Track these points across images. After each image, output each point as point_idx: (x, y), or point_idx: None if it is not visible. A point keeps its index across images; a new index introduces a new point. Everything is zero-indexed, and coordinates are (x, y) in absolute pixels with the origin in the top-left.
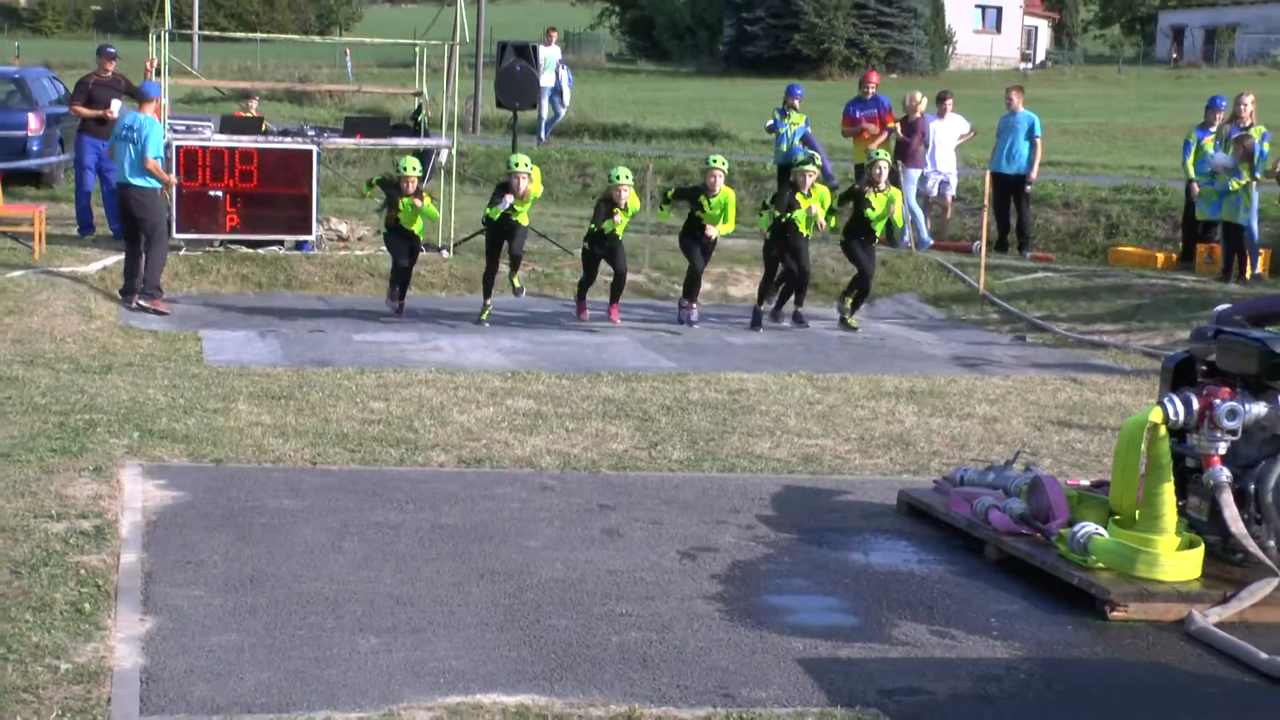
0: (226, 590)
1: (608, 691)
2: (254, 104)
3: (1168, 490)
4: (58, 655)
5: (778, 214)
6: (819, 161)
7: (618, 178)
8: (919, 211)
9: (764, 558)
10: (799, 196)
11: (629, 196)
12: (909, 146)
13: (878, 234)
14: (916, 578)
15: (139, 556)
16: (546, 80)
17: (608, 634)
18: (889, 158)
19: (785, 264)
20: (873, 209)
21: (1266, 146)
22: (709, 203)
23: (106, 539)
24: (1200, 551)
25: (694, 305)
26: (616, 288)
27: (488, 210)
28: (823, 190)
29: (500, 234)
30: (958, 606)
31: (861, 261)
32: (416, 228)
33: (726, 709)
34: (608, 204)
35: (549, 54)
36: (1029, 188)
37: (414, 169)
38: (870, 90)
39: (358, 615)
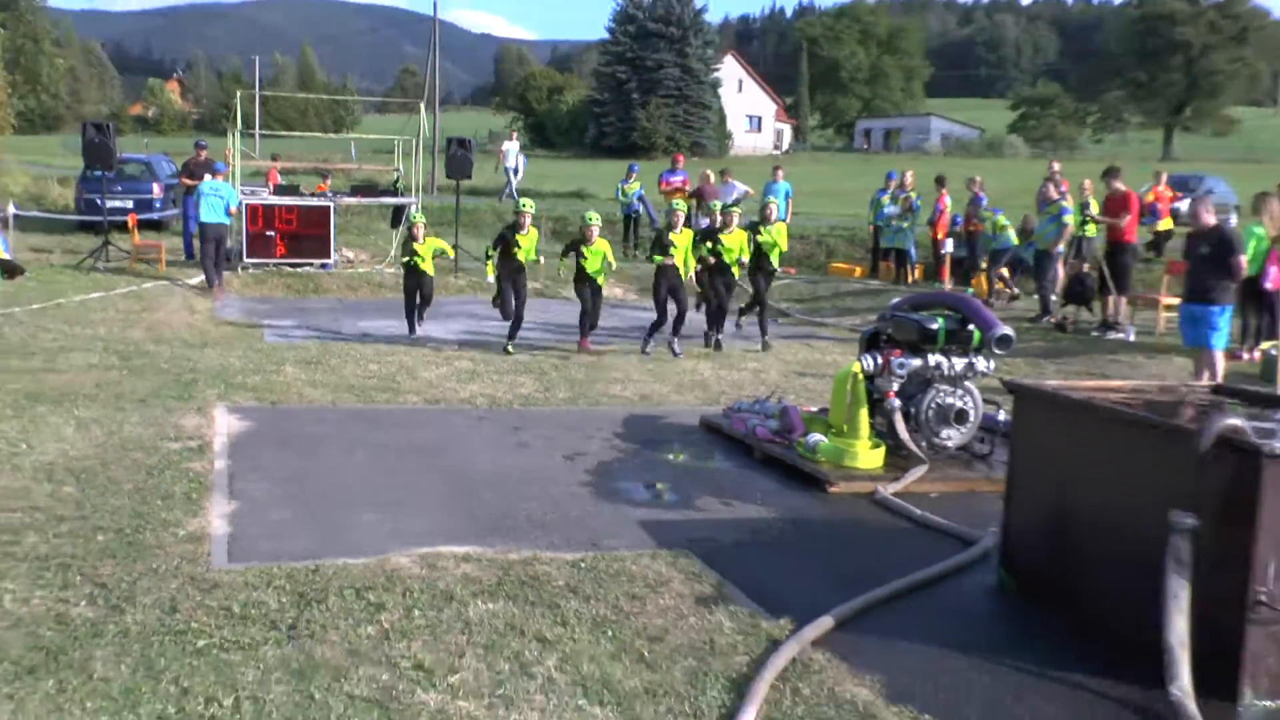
0: (280, 484)
1: (520, 543)
2: (327, 182)
3: (863, 414)
4: (177, 526)
5: (659, 256)
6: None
7: (589, 220)
8: None
9: (616, 458)
10: (671, 235)
11: (597, 236)
12: (703, 200)
13: (732, 266)
14: (711, 469)
15: (225, 464)
16: (510, 161)
17: (519, 508)
18: (685, 207)
19: (664, 299)
20: (728, 248)
21: (920, 202)
22: (589, 250)
23: (205, 453)
24: (883, 451)
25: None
26: (584, 321)
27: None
28: (688, 234)
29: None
30: (736, 487)
31: (719, 291)
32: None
33: (595, 552)
34: (580, 243)
35: (510, 145)
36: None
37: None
38: (678, 165)
39: (362, 499)
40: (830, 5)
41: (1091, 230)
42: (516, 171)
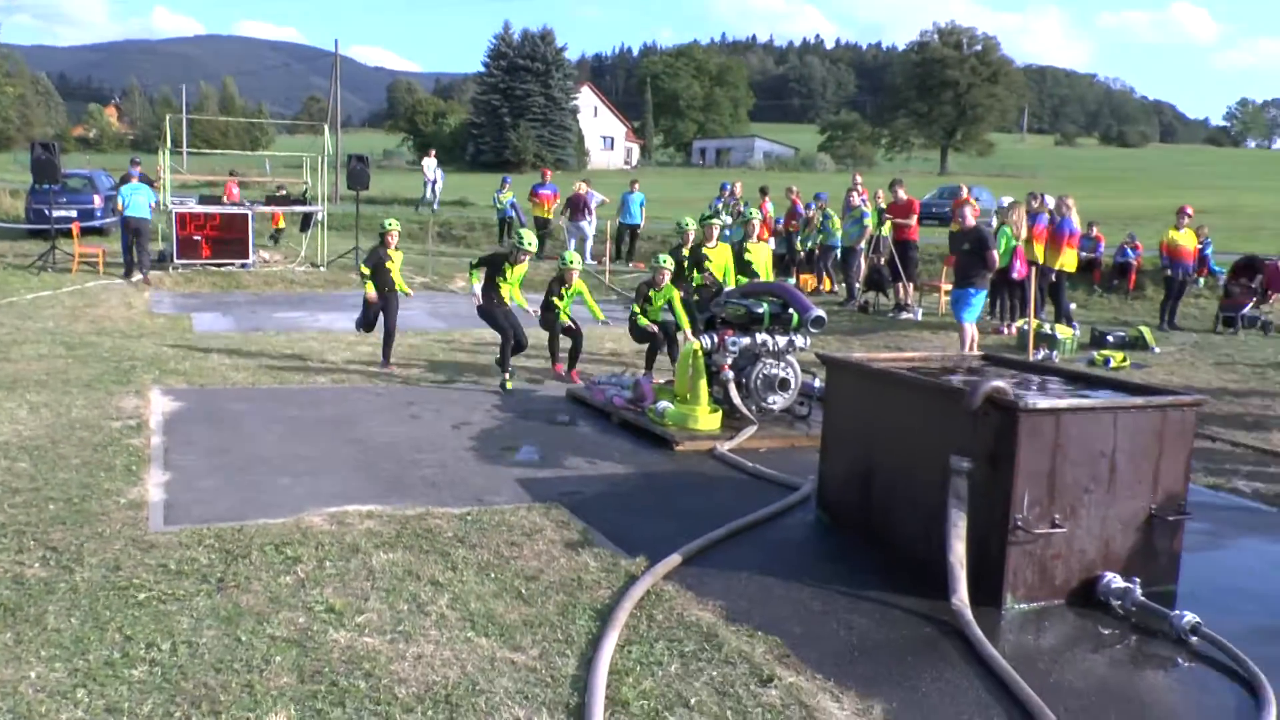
0: (208, 456)
1: (415, 501)
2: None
3: (703, 384)
4: (119, 494)
5: (644, 319)
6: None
7: (569, 262)
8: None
9: (497, 427)
10: (651, 292)
11: (576, 278)
12: (578, 209)
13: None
14: (576, 433)
15: (161, 439)
16: (429, 174)
17: (414, 471)
18: (670, 264)
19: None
20: (715, 264)
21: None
22: (511, 269)
23: (142, 430)
24: (720, 415)
25: (507, 374)
26: (574, 354)
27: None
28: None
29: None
30: (597, 447)
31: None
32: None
33: (479, 507)
34: (558, 283)
35: (429, 161)
36: (639, 231)
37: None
38: (546, 179)
39: (280, 467)
40: (670, 46)
41: (886, 229)
42: (436, 183)
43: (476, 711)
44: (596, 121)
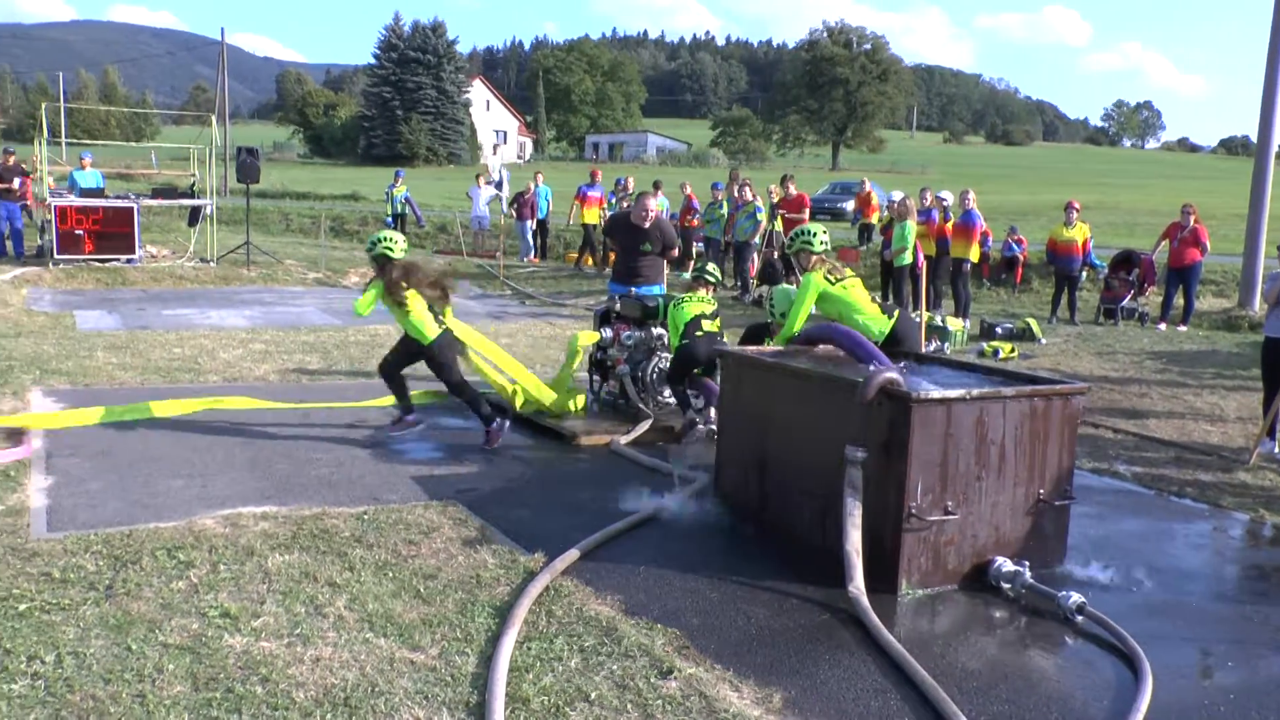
0: (94, 459)
1: (310, 502)
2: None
3: (568, 368)
4: None
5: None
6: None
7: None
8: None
9: (391, 423)
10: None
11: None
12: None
13: None
14: (475, 432)
15: (43, 442)
16: (495, 174)
17: (309, 470)
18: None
19: None
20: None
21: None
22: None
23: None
24: (573, 396)
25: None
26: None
27: None
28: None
29: None
30: (498, 444)
31: None
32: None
33: (375, 505)
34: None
35: (493, 160)
36: (547, 224)
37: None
38: (596, 180)
39: (170, 469)
40: (562, 40)
41: (779, 225)
42: (503, 185)
43: (376, 713)
44: (489, 115)
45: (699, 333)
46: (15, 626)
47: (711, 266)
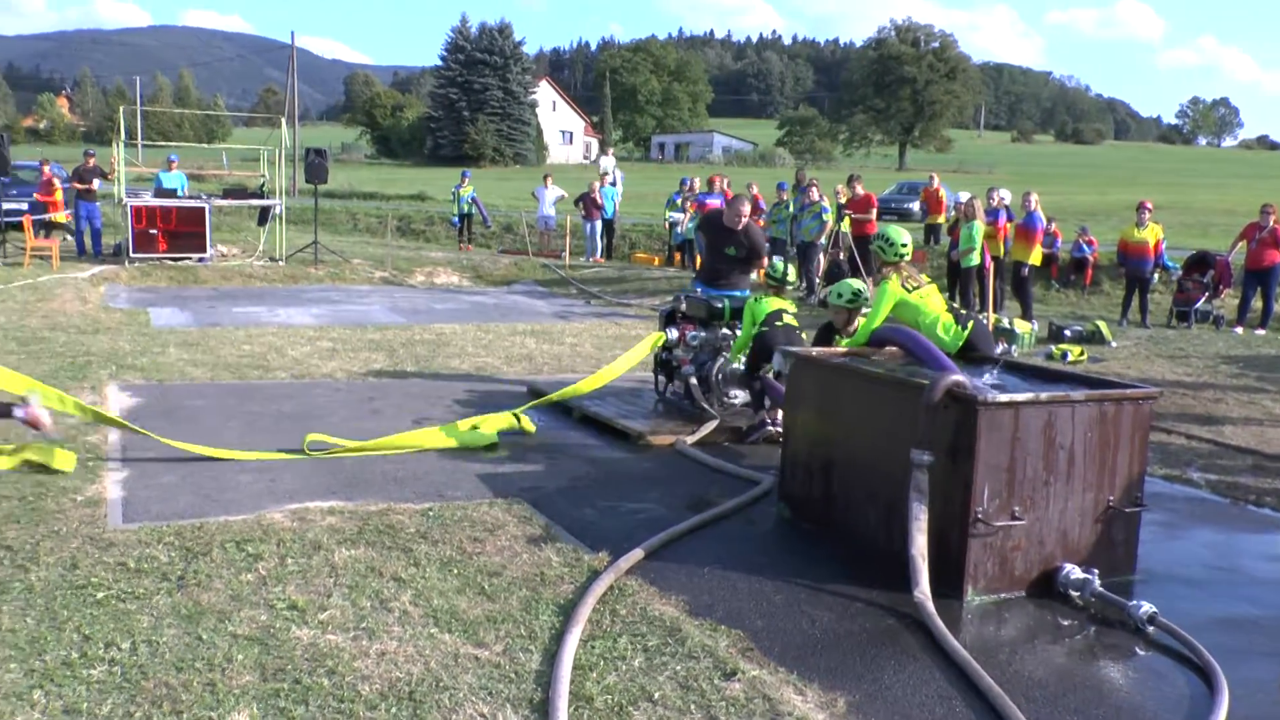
0: (167, 452)
1: (376, 497)
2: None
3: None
4: (75, 492)
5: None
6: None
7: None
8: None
9: (456, 420)
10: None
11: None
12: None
13: None
14: (539, 428)
15: (118, 436)
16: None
17: (375, 466)
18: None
19: None
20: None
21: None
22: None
23: (100, 426)
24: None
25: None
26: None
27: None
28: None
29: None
30: (559, 442)
31: None
32: None
33: (440, 502)
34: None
35: (607, 160)
36: (614, 224)
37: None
38: (715, 188)
39: (239, 463)
40: (628, 40)
41: (845, 225)
42: (616, 185)
43: (440, 708)
44: (555, 116)
45: (779, 323)
46: (94, 614)
47: (779, 261)
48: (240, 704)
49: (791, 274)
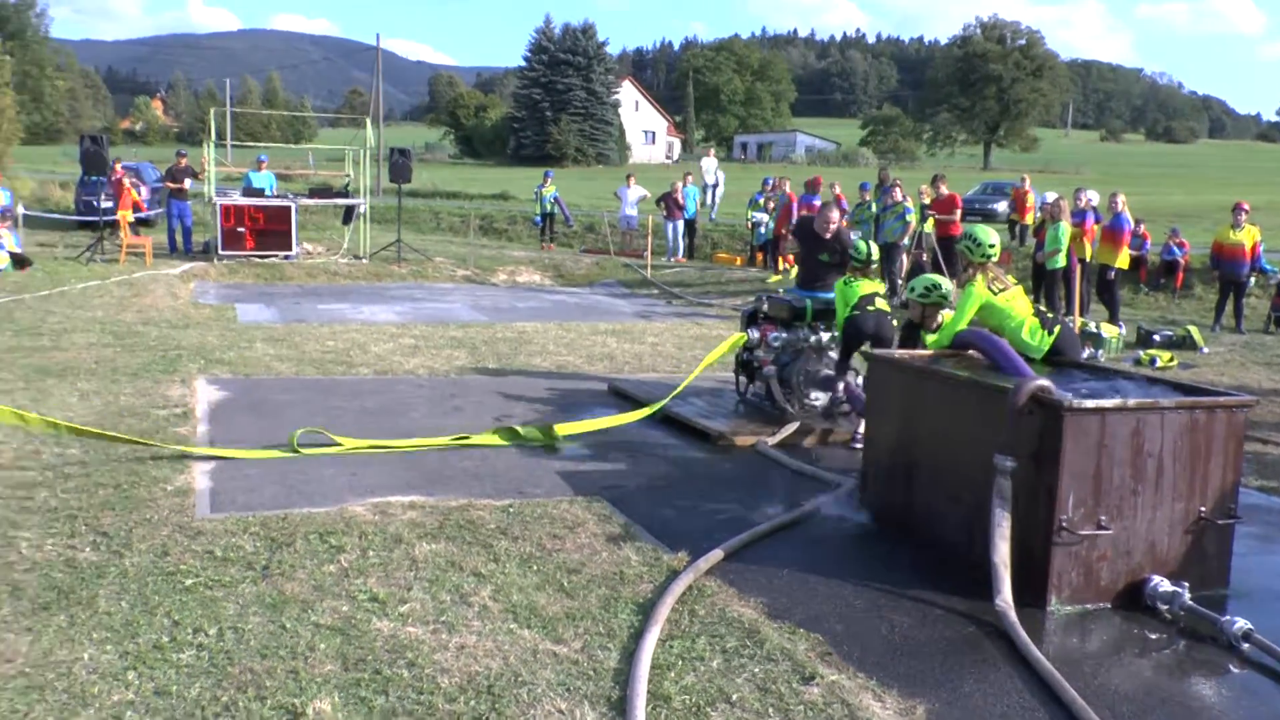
0: (253, 445)
1: (457, 492)
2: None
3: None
4: (166, 482)
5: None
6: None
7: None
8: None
9: (538, 419)
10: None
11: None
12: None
13: None
14: (619, 428)
15: (207, 427)
16: (709, 178)
17: (456, 462)
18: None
19: None
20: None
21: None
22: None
23: (189, 418)
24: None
25: None
26: None
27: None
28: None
29: None
30: (638, 441)
31: None
32: None
33: (520, 499)
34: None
35: (709, 161)
36: (695, 224)
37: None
38: (819, 188)
39: (323, 457)
40: (711, 40)
41: (929, 226)
42: (717, 188)
43: (519, 702)
44: (638, 116)
45: (870, 307)
46: (182, 600)
47: (860, 241)
48: (322, 692)
49: (875, 252)
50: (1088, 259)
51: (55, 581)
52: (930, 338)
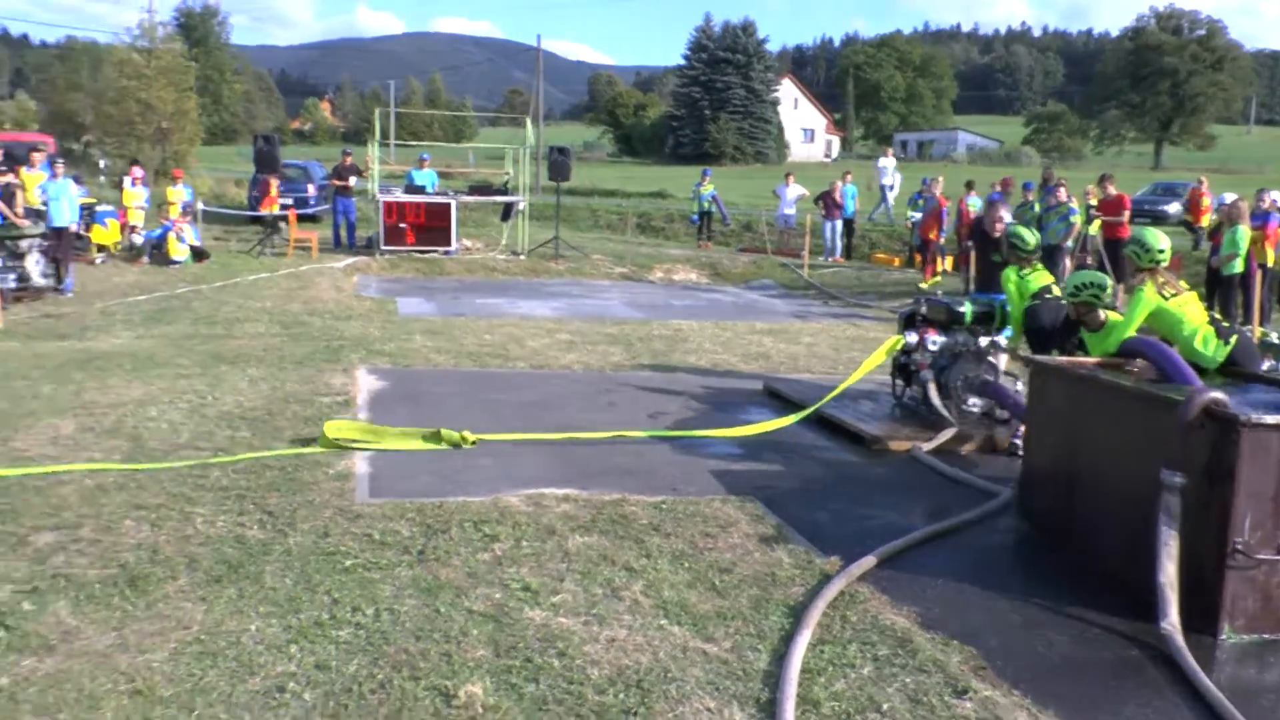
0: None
1: (610, 488)
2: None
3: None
4: (328, 466)
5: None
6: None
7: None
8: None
9: (692, 417)
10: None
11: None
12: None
13: None
14: (774, 428)
15: (367, 415)
16: (886, 178)
17: (609, 458)
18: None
19: None
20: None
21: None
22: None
23: (350, 406)
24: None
25: None
26: None
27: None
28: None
29: None
30: (791, 442)
31: None
32: None
33: (673, 497)
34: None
35: (887, 162)
36: (853, 223)
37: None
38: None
39: (479, 448)
40: (872, 36)
41: (1095, 228)
42: (893, 189)
43: (667, 698)
44: (797, 114)
45: (1048, 296)
46: (342, 580)
47: (1022, 230)
48: (474, 676)
49: (1036, 239)
50: (1269, 264)
51: (226, 556)
52: (1091, 336)
